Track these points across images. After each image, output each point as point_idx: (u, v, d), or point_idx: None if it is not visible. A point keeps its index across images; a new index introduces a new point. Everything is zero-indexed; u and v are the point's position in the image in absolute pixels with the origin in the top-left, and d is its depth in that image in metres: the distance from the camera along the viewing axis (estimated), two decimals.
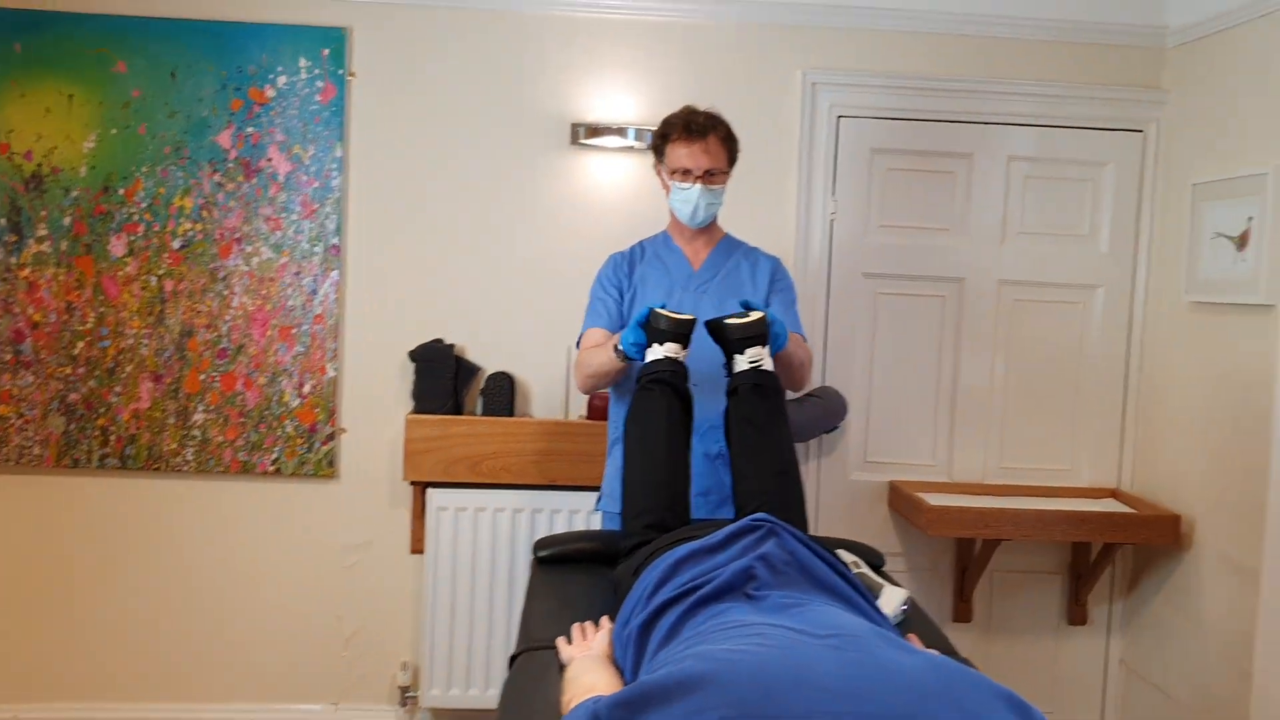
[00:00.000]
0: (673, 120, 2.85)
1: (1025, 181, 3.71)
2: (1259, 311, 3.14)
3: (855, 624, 1.58)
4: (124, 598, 3.64)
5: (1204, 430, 3.39)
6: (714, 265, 2.92)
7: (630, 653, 1.85)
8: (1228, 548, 3.25)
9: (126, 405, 3.57)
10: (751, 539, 1.94)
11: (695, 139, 2.80)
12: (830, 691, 1.29)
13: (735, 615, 1.66)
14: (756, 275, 2.93)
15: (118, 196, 3.53)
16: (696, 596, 1.79)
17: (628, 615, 1.93)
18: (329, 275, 3.58)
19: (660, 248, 2.97)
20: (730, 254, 2.95)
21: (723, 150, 2.84)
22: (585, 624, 2.13)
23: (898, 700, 1.29)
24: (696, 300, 2.88)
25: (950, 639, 3.69)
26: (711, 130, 2.82)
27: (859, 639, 1.48)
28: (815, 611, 1.64)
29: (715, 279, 2.90)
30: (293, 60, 3.52)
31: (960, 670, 1.40)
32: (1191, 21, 3.52)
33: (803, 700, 1.27)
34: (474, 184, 3.60)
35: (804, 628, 1.53)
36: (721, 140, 2.83)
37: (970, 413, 3.76)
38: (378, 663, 3.71)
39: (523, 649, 2.16)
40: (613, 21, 3.58)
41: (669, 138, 2.84)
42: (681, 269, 2.91)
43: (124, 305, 3.55)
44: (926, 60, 3.65)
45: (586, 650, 1.99)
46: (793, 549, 1.91)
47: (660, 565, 1.96)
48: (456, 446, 3.50)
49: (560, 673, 1.92)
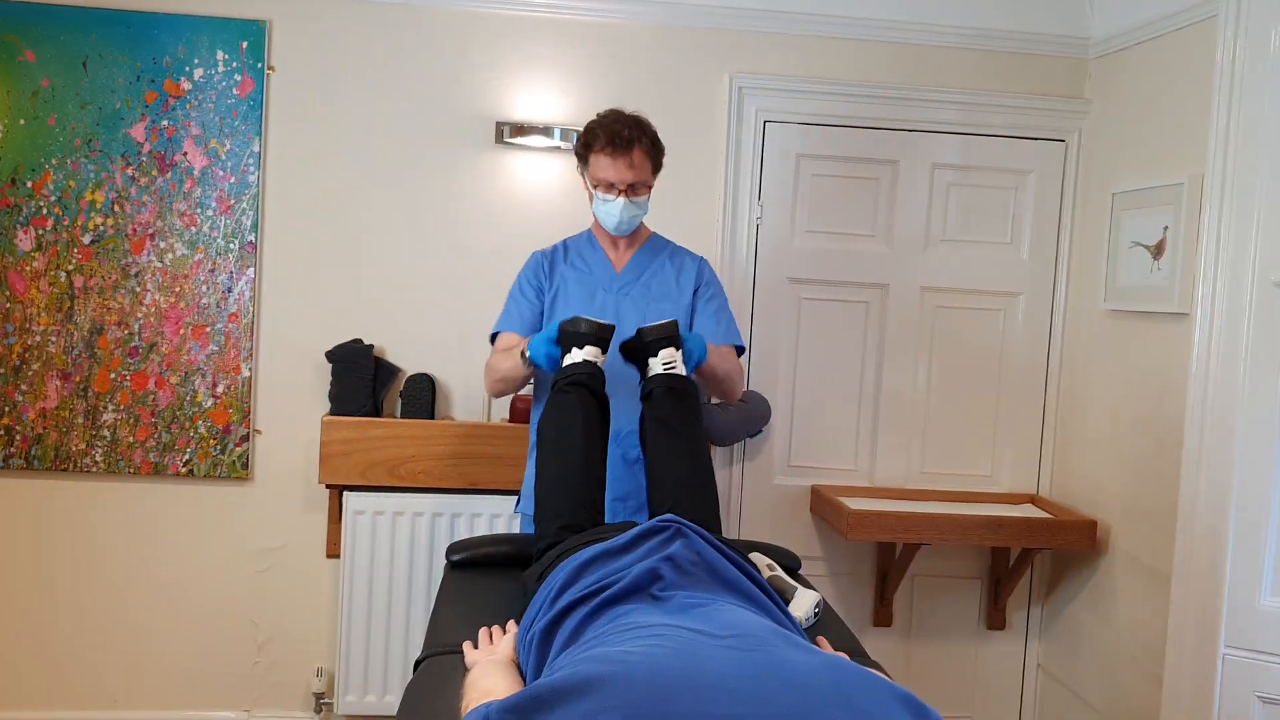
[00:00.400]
0: (596, 129, 2.77)
1: (949, 189, 3.74)
2: (1173, 320, 3.18)
3: (756, 624, 1.56)
4: (29, 601, 3.53)
5: (1120, 437, 3.44)
6: (637, 267, 2.90)
7: (533, 656, 1.82)
8: (1141, 553, 3.29)
9: (33, 404, 3.46)
10: (658, 540, 1.92)
11: (620, 152, 2.73)
12: (725, 691, 1.28)
13: (638, 617, 1.64)
14: (681, 279, 2.91)
15: (26, 189, 3.42)
16: (601, 599, 1.76)
17: (531, 619, 1.91)
18: (245, 273, 3.51)
19: (584, 247, 2.94)
20: (655, 255, 2.92)
21: (647, 162, 2.78)
22: (493, 628, 2.09)
23: (793, 700, 1.28)
24: (619, 302, 2.85)
25: (871, 643, 3.72)
26: (636, 143, 2.74)
27: (757, 639, 1.47)
28: (717, 612, 1.62)
29: (638, 281, 2.88)
30: (210, 53, 3.44)
31: (858, 671, 1.39)
32: (1114, 33, 3.57)
33: (697, 701, 1.26)
34: (396, 182, 3.55)
35: (703, 628, 1.51)
36: (646, 152, 2.77)
37: (893, 418, 3.77)
38: (292, 669, 3.63)
39: (428, 653, 2.12)
40: (539, 20, 3.55)
41: (592, 147, 2.77)
42: (604, 270, 2.89)
43: (31, 301, 3.44)
44: (853, 67, 3.66)
45: (491, 654, 1.96)
46: (700, 549, 1.89)
47: (566, 568, 1.93)
48: (375, 449, 3.44)
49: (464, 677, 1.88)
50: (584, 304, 2.84)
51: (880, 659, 3.65)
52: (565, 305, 2.85)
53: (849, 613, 3.78)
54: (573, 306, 2.83)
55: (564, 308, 2.85)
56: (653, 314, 2.82)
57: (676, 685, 1.29)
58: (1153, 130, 3.37)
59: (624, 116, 2.78)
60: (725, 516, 3.70)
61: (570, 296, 2.86)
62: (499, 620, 2.13)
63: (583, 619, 1.74)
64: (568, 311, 2.81)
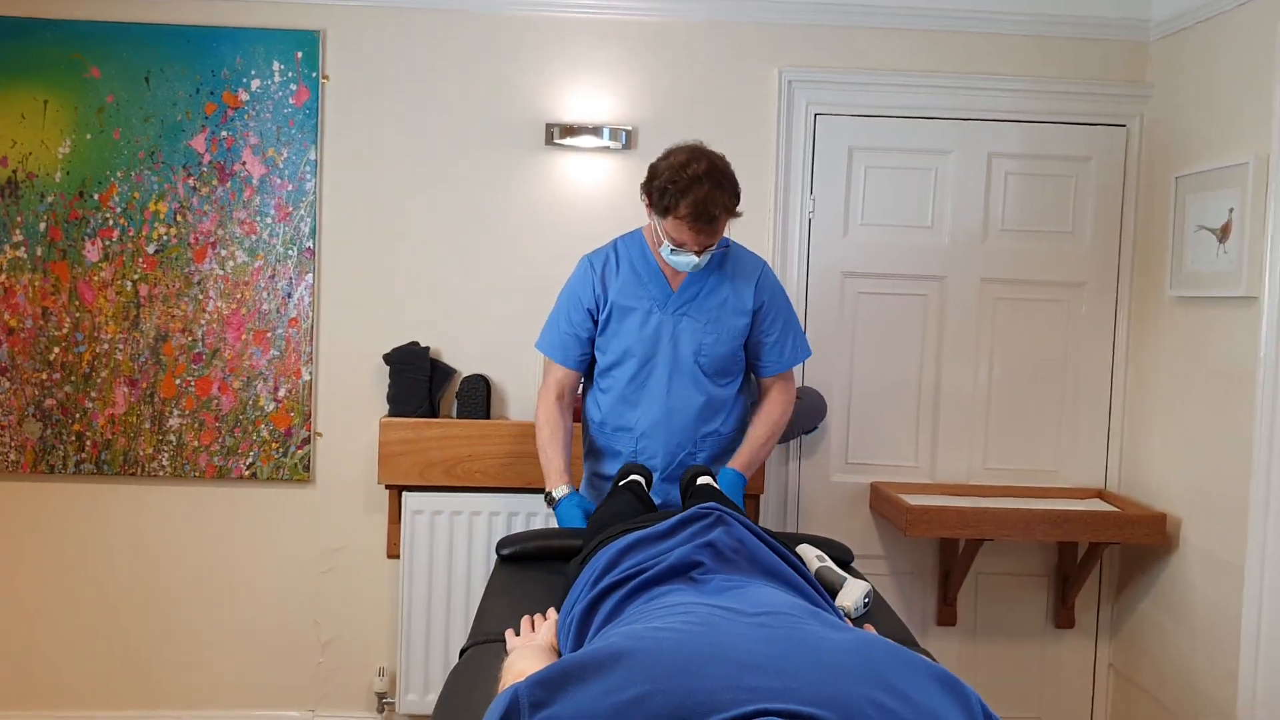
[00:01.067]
0: (678, 198, 2.57)
1: (1007, 178, 3.67)
2: (1241, 304, 3.08)
3: (788, 602, 1.55)
4: (100, 604, 3.62)
5: (1189, 427, 3.33)
6: (695, 283, 2.84)
7: (571, 638, 1.83)
8: (1214, 547, 3.19)
9: (102, 410, 3.56)
10: (699, 526, 1.92)
11: (702, 226, 2.60)
12: (750, 666, 1.27)
13: (675, 598, 1.63)
14: (739, 292, 2.84)
15: (93, 201, 3.52)
16: (639, 580, 1.76)
17: (571, 603, 1.91)
18: (304, 278, 3.57)
19: (637, 258, 2.87)
20: (712, 268, 2.84)
21: (727, 223, 2.67)
22: (535, 616, 2.10)
23: (820, 676, 1.26)
24: (675, 324, 2.82)
25: (935, 643, 3.66)
26: (720, 217, 2.61)
27: (787, 616, 1.45)
28: (752, 593, 1.61)
29: (695, 300, 2.83)
30: (266, 63, 3.52)
31: (890, 647, 1.36)
32: (1174, 13, 3.48)
33: (724, 675, 1.25)
34: (449, 185, 3.58)
35: (735, 606, 1.51)
36: (728, 217, 2.64)
37: (953, 413, 3.70)
38: (355, 669, 3.67)
39: (472, 643, 2.13)
40: (586, 21, 3.57)
41: (671, 211, 2.60)
42: (660, 289, 2.84)
43: (99, 310, 3.54)
44: (905, 57, 3.62)
45: (531, 640, 1.96)
46: (741, 536, 1.89)
47: (606, 553, 1.94)
48: (432, 449, 3.47)
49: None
50: (639, 329, 2.82)
51: (945, 659, 3.61)
52: (618, 332, 2.84)
53: (911, 612, 3.71)
54: (627, 333, 2.83)
55: (616, 334, 2.84)
56: (709, 338, 2.81)
57: (703, 659, 1.28)
58: (1216, 110, 3.28)
59: (709, 176, 2.58)
60: (783, 513, 3.67)
61: (625, 322, 2.84)
62: (544, 610, 2.13)
63: (620, 600, 1.75)
64: (621, 337, 2.82)
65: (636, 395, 2.84)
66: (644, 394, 2.84)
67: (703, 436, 2.86)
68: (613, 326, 2.85)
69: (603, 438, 2.93)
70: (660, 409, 2.82)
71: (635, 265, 2.87)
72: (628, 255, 2.89)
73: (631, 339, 2.83)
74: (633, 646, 1.32)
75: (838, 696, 1.21)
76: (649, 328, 2.82)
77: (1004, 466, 3.72)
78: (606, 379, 2.89)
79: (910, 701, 1.22)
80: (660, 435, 2.83)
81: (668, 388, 2.82)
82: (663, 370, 2.82)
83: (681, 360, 2.82)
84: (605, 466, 2.93)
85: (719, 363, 2.84)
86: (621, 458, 2.88)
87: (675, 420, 2.82)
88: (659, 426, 2.83)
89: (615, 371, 2.87)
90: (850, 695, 1.22)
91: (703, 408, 2.84)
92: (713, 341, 2.82)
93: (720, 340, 2.82)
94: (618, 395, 2.87)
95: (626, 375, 2.85)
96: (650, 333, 2.82)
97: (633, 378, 2.84)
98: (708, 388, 2.84)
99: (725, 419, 2.89)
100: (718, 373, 2.85)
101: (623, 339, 2.84)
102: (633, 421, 2.85)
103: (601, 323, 2.87)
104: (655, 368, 2.83)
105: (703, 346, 2.82)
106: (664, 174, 2.61)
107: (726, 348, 2.83)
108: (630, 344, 2.83)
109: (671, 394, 2.82)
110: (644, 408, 2.84)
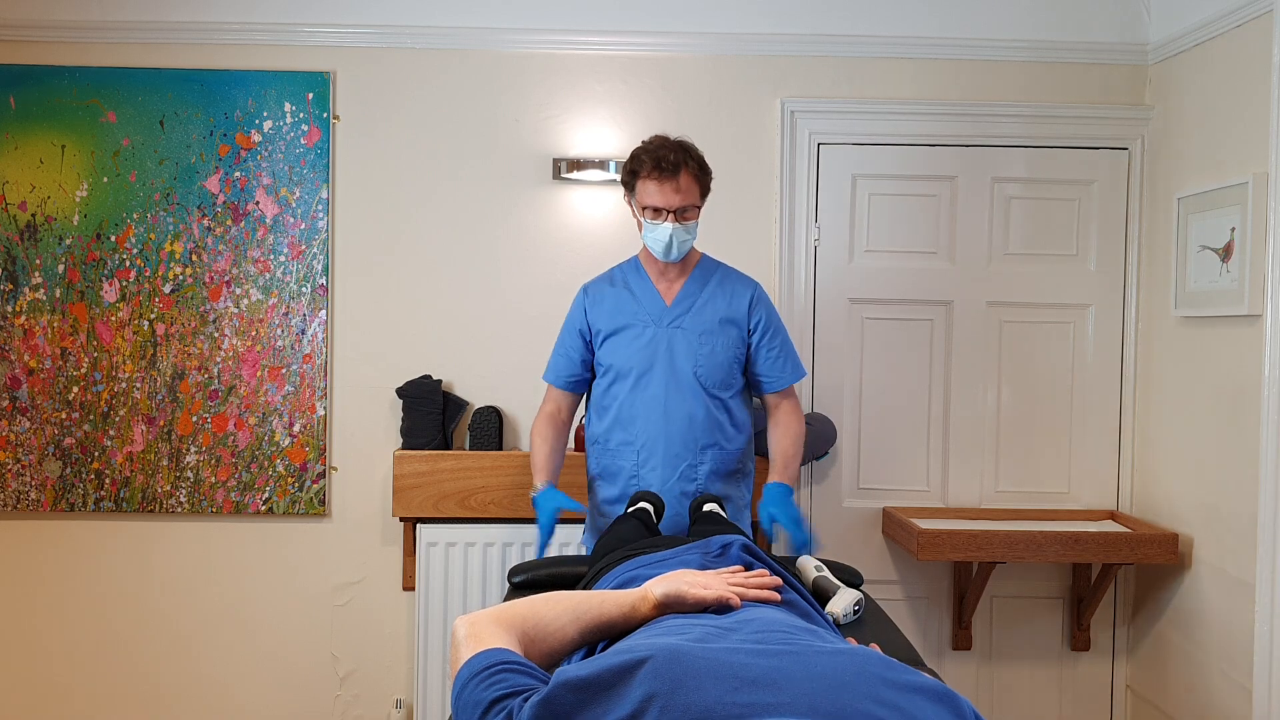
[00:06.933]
0: (641, 155, 2.79)
1: (1010, 202, 3.70)
2: (1245, 323, 3.10)
3: (783, 620, 1.56)
4: (121, 640, 3.66)
5: (1198, 446, 3.34)
6: (688, 297, 2.91)
7: None
8: (1226, 564, 3.19)
9: (120, 448, 3.61)
10: (701, 549, 1.94)
11: (666, 177, 2.74)
12: (747, 681, 1.28)
13: (674, 619, 1.65)
14: (733, 307, 2.91)
15: (110, 243, 3.59)
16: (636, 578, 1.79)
17: None
18: (317, 315, 3.62)
19: (631, 276, 2.97)
20: (705, 283, 2.93)
21: (695, 185, 2.79)
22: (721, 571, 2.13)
23: (815, 689, 1.27)
24: (670, 337, 2.87)
25: (951, 668, 3.66)
26: (683, 166, 2.76)
27: (783, 634, 1.47)
28: (748, 610, 1.63)
29: (689, 313, 2.89)
30: (278, 105, 3.59)
31: (884, 661, 1.37)
32: (1171, 36, 3.52)
33: (715, 689, 1.26)
34: (459, 221, 3.64)
35: (731, 624, 1.52)
36: (694, 176, 2.78)
37: (964, 437, 3.72)
38: (372, 701, 3.69)
39: None
40: (591, 57, 3.63)
41: (638, 174, 2.79)
42: (654, 303, 2.91)
43: (117, 350, 3.60)
44: (905, 85, 3.66)
45: (696, 579, 1.98)
46: (741, 558, 1.91)
47: (610, 579, 1.96)
48: (446, 481, 3.51)
49: None
50: (634, 343, 2.88)
51: (961, 683, 3.61)
52: (615, 348, 2.91)
53: (926, 636, 3.71)
54: (623, 348, 2.89)
55: (613, 350, 2.91)
56: (704, 349, 2.86)
57: (701, 674, 1.30)
58: (1215, 131, 3.30)
59: (669, 141, 2.80)
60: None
61: (620, 344, 2.90)
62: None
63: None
64: (618, 352, 2.89)
65: (635, 409, 2.89)
66: (643, 407, 2.88)
67: (703, 449, 2.88)
68: (609, 344, 2.92)
69: (605, 456, 2.96)
70: (659, 421, 2.86)
71: (630, 283, 2.96)
72: (623, 276, 2.99)
73: (628, 354, 2.89)
74: (628, 660, 1.34)
75: (833, 710, 1.23)
76: (644, 341, 2.88)
77: (1015, 489, 3.73)
78: (607, 397, 2.94)
79: (905, 714, 1.24)
80: (659, 447, 2.86)
81: (665, 400, 2.86)
82: (660, 383, 2.87)
83: (679, 373, 2.86)
84: (607, 490, 2.96)
85: (717, 374, 2.88)
86: (623, 475, 2.91)
87: (674, 431, 2.85)
88: (658, 439, 2.86)
89: (614, 389, 2.92)
90: (845, 709, 1.24)
91: (703, 420, 2.87)
92: (709, 353, 2.87)
93: (716, 351, 2.87)
94: (617, 410, 2.92)
95: (625, 390, 2.90)
96: (646, 347, 2.88)
97: (631, 391, 2.89)
98: (707, 400, 2.87)
99: (727, 433, 2.91)
100: (716, 385, 2.88)
101: (619, 354, 2.90)
102: (633, 435, 2.89)
103: (597, 343, 2.94)
104: (653, 381, 2.87)
105: (699, 358, 2.87)
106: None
107: (723, 358, 2.88)
108: (627, 358, 2.89)
109: (670, 406, 2.85)
110: (643, 421, 2.88)
